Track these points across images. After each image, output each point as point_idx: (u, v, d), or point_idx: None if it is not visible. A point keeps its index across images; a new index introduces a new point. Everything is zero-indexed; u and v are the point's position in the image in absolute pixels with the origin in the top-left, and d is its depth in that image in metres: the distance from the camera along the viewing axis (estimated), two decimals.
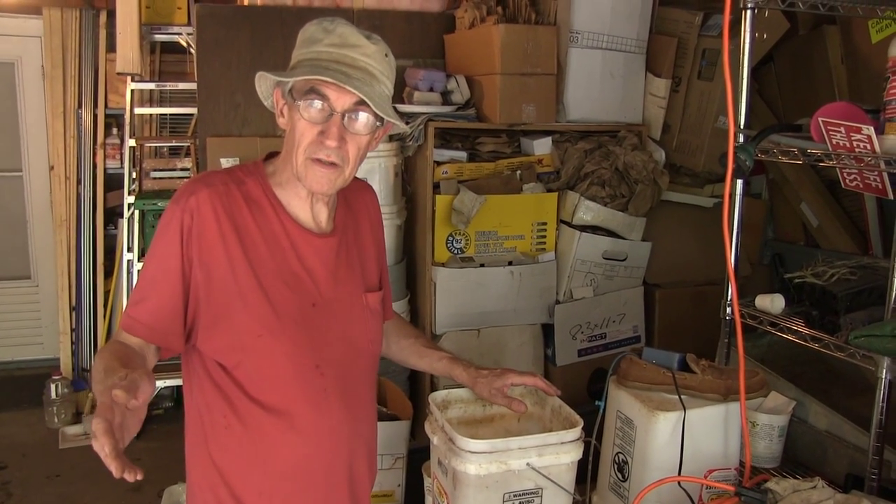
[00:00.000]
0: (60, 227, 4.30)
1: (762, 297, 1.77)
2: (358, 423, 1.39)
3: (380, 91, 1.25)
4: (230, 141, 2.86)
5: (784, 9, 1.73)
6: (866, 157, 1.49)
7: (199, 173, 1.26)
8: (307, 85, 1.22)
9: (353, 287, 1.39)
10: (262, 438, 1.29)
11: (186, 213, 1.24)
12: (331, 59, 1.22)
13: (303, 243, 1.32)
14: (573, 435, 1.45)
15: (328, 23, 1.26)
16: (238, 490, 1.31)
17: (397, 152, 2.69)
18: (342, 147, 1.24)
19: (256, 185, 1.31)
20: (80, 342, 4.36)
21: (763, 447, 1.75)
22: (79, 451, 3.80)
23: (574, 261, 2.80)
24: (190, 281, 1.25)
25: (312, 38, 1.25)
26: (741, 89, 1.78)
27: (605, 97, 2.85)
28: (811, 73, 2.82)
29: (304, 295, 1.31)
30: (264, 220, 1.30)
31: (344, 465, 1.38)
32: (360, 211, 1.47)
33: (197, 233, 1.24)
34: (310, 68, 1.22)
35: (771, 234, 3.24)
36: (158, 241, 1.27)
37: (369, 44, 1.25)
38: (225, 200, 1.27)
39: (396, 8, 3.06)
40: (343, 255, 1.38)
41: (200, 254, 1.24)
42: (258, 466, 1.31)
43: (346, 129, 1.24)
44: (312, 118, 1.23)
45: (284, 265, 1.30)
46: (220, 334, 1.26)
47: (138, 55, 3.71)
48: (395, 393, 2.48)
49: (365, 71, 1.23)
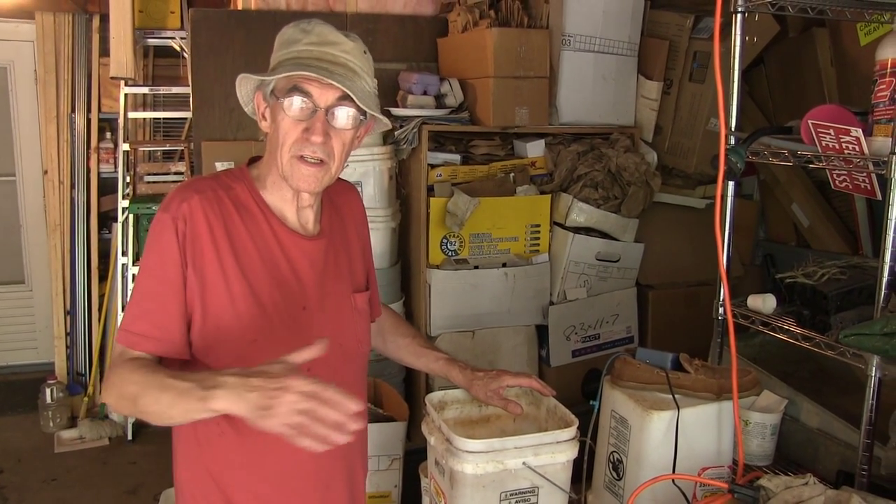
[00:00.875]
0: (54, 231, 4.31)
1: (754, 298, 1.79)
2: None
3: (361, 86, 1.26)
4: (225, 145, 2.87)
5: (774, 12, 1.76)
6: (855, 159, 1.52)
7: (186, 181, 1.28)
8: (290, 83, 1.23)
9: (341, 289, 1.40)
10: (256, 442, 1.28)
11: (180, 219, 1.24)
12: (311, 56, 1.23)
13: (292, 246, 1.33)
14: (568, 434, 1.47)
15: (305, 24, 1.27)
16: (234, 496, 1.32)
17: (391, 155, 2.71)
18: (327, 143, 1.25)
19: (244, 189, 1.32)
20: (74, 346, 4.37)
21: (755, 445, 1.77)
22: (74, 456, 3.81)
23: (567, 262, 2.82)
24: (187, 287, 1.25)
25: (291, 39, 1.27)
26: (732, 92, 1.80)
27: (597, 100, 2.87)
28: (801, 76, 2.85)
29: (294, 299, 1.32)
30: (254, 225, 1.30)
31: (342, 466, 1.40)
32: (345, 212, 1.48)
33: (191, 239, 1.24)
34: (292, 66, 1.23)
35: (762, 235, 3.26)
36: (153, 251, 1.26)
37: (348, 41, 1.26)
38: (215, 206, 1.27)
39: (390, 12, 3.07)
40: (331, 256, 1.39)
41: (194, 259, 1.25)
42: (254, 471, 1.31)
43: (331, 125, 1.25)
44: (296, 115, 1.24)
45: (275, 270, 1.30)
46: (214, 342, 1.26)
47: (132, 59, 3.72)
48: (391, 394, 2.50)
49: (346, 67, 1.25)
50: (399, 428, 2.24)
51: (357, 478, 1.46)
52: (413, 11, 3.13)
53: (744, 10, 1.76)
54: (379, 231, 2.67)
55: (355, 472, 1.45)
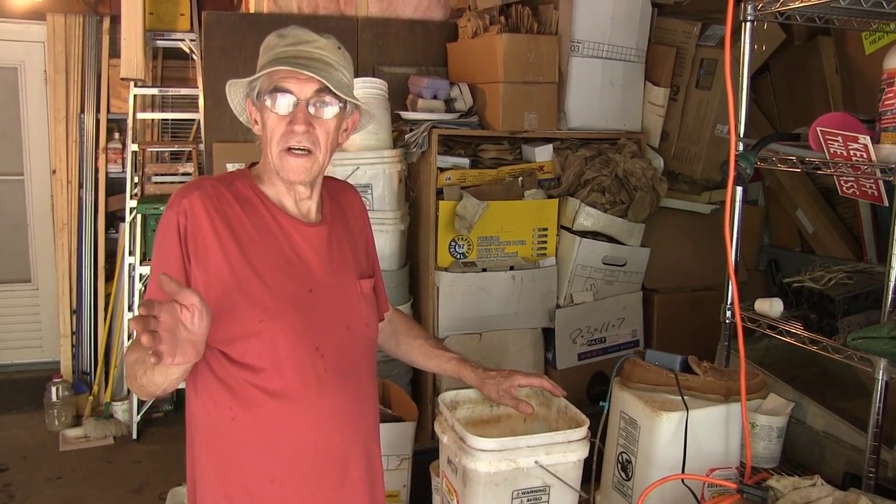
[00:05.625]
0: (62, 230, 4.33)
1: (761, 301, 1.82)
2: (363, 405, 1.44)
3: (338, 77, 1.34)
4: (236, 147, 2.89)
5: (782, 21, 1.79)
6: (863, 166, 1.54)
7: (190, 180, 1.41)
8: (271, 84, 1.32)
9: (346, 273, 1.45)
10: (269, 425, 1.33)
11: (181, 214, 1.31)
12: (288, 55, 1.32)
13: (294, 232, 1.39)
14: (580, 434, 1.49)
15: (283, 30, 1.37)
16: (249, 481, 1.34)
17: (401, 158, 2.73)
18: (311, 132, 1.33)
19: (245, 185, 1.39)
20: (80, 345, 4.38)
21: (762, 447, 1.79)
22: (80, 454, 3.83)
23: (574, 266, 2.85)
24: (190, 277, 1.31)
25: (269, 44, 1.37)
26: (741, 99, 1.83)
27: (605, 105, 2.90)
28: (806, 83, 2.88)
29: (301, 280, 1.37)
30: (255, 215, 1.37)
31: (359, 445, 1.42)
32: (346, 206, 1.54)
33: (192, 231, 1.31)
34: (271, 65, 1.31)
35: (767, 241, 3.29)
36: (159, 247, 1.34)
37: (321, 38, 1.35)
38: (216, 200, 1.34)
39: (400, 16, 3.11)
40: (335, 242, 1.44)
41: (196, 251, 1.31)
42: (268, 454, 1.34)
43: (313, 116, 1.33)
44: (279, 110, 1.32)
45: (279, 253, 1.36)
46: (223, 326, 1.29)
47: (142, 61, 3.76)
48: (399, 395, 2.51)
49: (321, 61, 1.33)
50: (408, 428, 2.26)
51: (374, 461, 1.49)
52: (423, 16, 3.17)
53: (753, 19, 1.80)
54: (388, 233, 2.70)
55: (372, 454, 1.48)
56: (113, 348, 4.33)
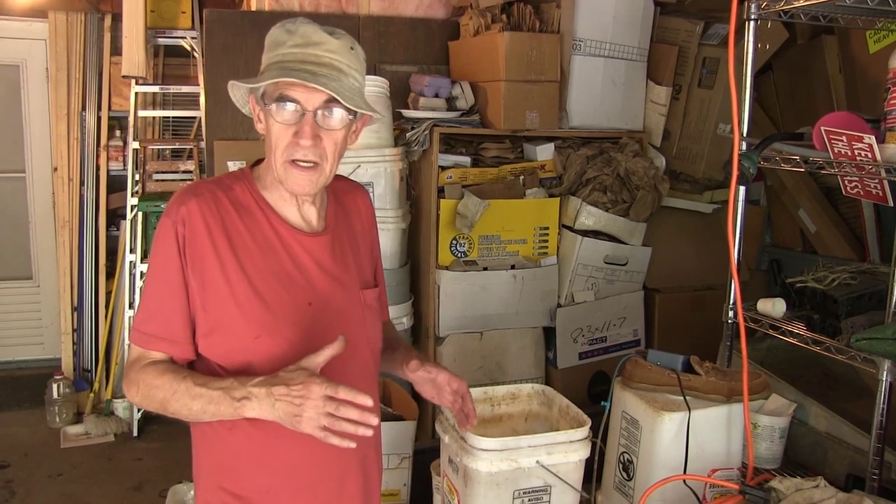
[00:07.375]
0: (63, 228, 4.32)
1: (764, 302, 1.81)
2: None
3: (349, 84, 1.26)
4: (237, 144, 2.89)
5: (786, 20, 1.78)
6: (867, 166, 1.54)
7: (187, 185, 1.31)
8: (277, 90, 1.24)
9: (348, 284, 1.40)
10: (266, 437, 1.30)
11: (178, 222, 1.27)
12: (296, 59, 1.23)
13: (294, 243, 1.34)
14: (581, 434, 1.49)
15: (290, 24, 1.27)
16: (243, 490, 1.33)
17: (402, 157, 2.73)
18: (318, 144, 1.25)
19: (244, 190, 1.34)
20: (81, 343, 4.38)
21: (764, 448, 1.79)
22: (80, 451, 3.82)
23: (575, 265, 2.84)
24: (188, 288, 1.28)
25: (277, 41, 1.27)
26: (744, 98, 1.82)
27: (606, 104, 2.89)
28: (809, 82, 2.87)
29: (299, 294, 1.32)
30: (254, 224, 1.32)
31: (355, 460, 1.40)
32: (351, 210, 1.49)
33: (189, 241, 1.27)
34: (277, 71, 1.23)
35: (768, 241, 3.29)
36: (157, 256, 1.30)
37: (332, 39, 1.25)
38: (213, 208, 1.29)
39: (402, 15, 3.10)
40: (337, 252, 1.39)
41: (193, 261, 1.27)
42: (264, 465, 1.33)
43: (321, 127, 1.25)
44: (285, 120, 1.25)
45: (277, 265, 1.32)
46: (220, 340, 1.28)
47: (144, 59, 3.75)
48: (400, 394, 2.52)
49: (331, 67, 1.24)
50: (409, 427, 2.26)
51: (371, 475, 1.46)
52: (425, 14, 3.16)
53: (756, 18, 1.79)
54: (389, 232, 2.69)
55: (369, 468, 1.46)
56: (114, 345, 4.32)
